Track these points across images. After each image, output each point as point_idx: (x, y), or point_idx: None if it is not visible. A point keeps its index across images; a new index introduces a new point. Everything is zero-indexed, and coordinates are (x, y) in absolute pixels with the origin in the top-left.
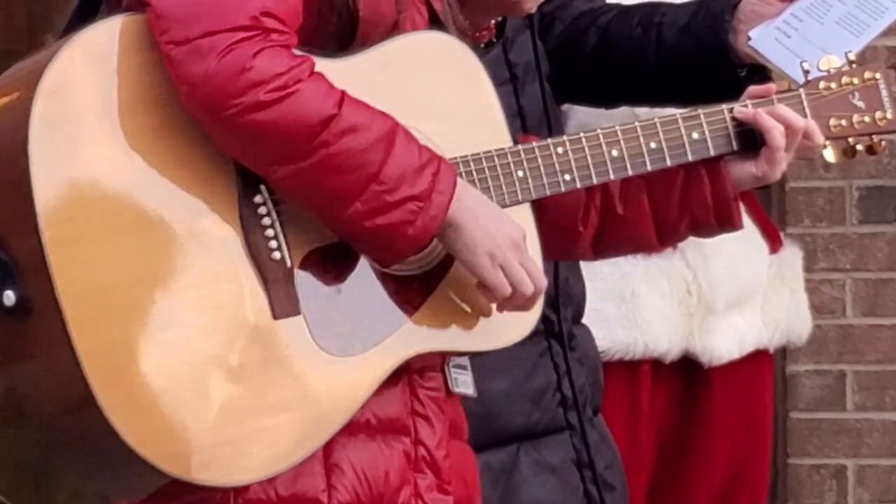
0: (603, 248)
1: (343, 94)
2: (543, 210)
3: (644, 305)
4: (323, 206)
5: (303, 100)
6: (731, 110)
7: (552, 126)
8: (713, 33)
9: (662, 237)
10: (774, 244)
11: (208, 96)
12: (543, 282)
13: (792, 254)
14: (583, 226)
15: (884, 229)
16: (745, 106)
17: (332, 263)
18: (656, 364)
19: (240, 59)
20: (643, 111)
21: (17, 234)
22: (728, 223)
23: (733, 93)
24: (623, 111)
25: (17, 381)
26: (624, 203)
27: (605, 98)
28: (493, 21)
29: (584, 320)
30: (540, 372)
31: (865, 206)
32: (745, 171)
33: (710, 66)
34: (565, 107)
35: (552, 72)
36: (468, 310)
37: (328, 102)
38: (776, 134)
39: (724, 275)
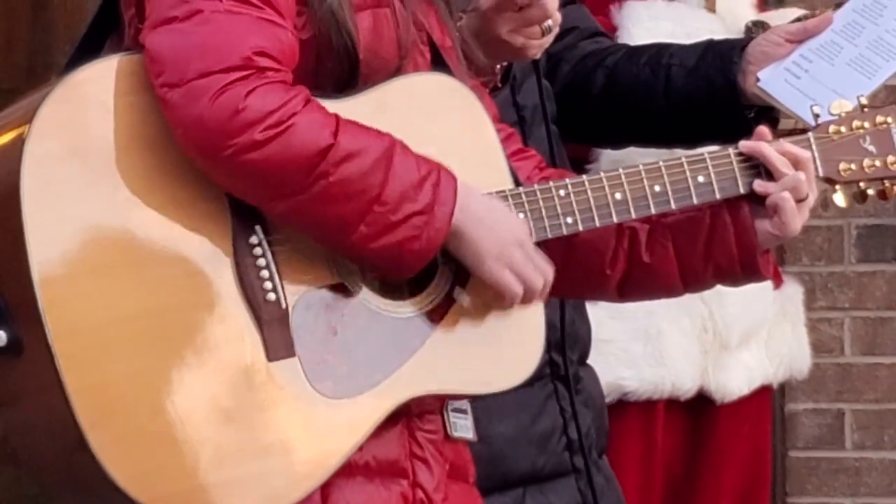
0: (628, 292)
1: (337, 120)
2: (573, 250)
3: (669, 343)
4: (327, 235)
5: (298, 134)
6: (737, 153)
7: (558, 167)
8: (722, 74)
9: (688, 285)
10: (776, 280)
11: (203, 139)
12: (551, 272)
13: (793, 289)
14: (610, 269)
15: (882, 268)
16: None
17: (328, 304)
18: (669, 402)
19: (232, 100)
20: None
21: (8, 273)
22: (755, 273)
23: (741, 134)
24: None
25: (10, 420)
26: (650, 251)
27: (613, 139)
28: (498, 66)
29: (611, 360)
30: (546, 415)
31: (864, 244)
32: (763, 229)
33: (718, 107)
34: None
35: (560, 112)
36: (467, 352)
37: (324, 133)
38: (779, 165)
39: (738, 311)
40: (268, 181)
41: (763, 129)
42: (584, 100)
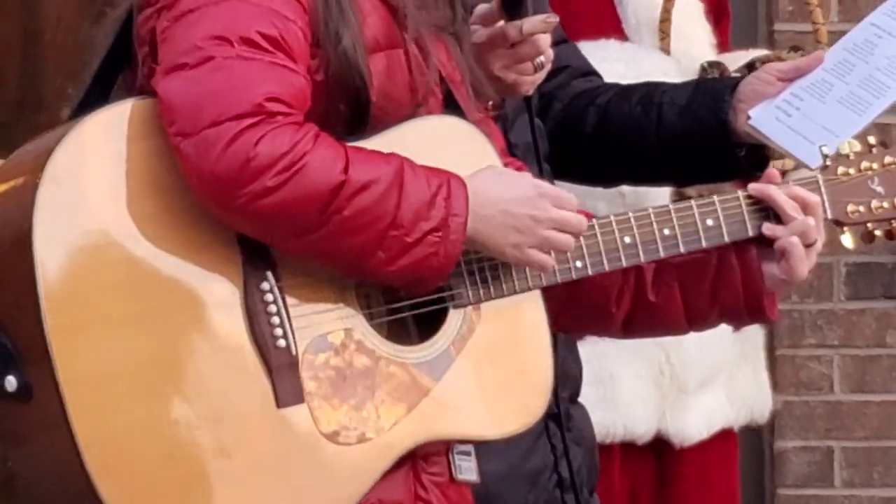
0: (633, 329)
1: (347, 152)
2: (578, 288)
3: (622, 387)
4: (345, 265)
5: (309, 175)
6: (746, 195)
7: None
8: (713, 113)
9: (693, 324)
10: None
11: (217, 189)
12: (583, 224)
13: (753, 332)
14: (615, 307)
15: (871, 305)
16: None
17: (336, 350)
18: (626, 445)
19: (244, 148)
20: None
21: (20, 319)
22: (761, 315)
23: (732, 172)
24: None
25: (16, 464)
26: (656, 291)
27: (604, 176)
28: (490, 102)
29: None
30: (537, 453)
31: (853, 282)
32: (770, 273)
33: (710, 145)
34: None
35: (552, 150)
36: (476, 397)
37: (335, 169)
38: (788, 209)
39: (695, 354)
40: (282, 223)
41: (773, 172)
42: (576, 138)
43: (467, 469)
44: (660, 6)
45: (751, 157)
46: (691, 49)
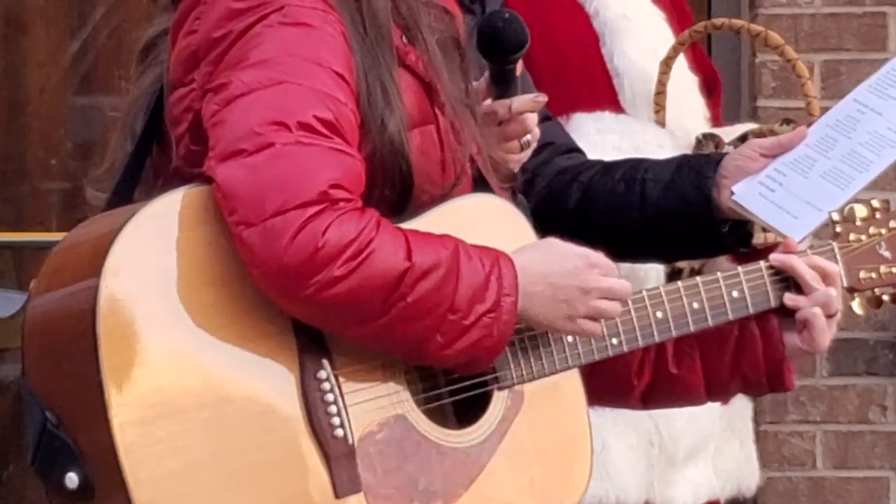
0: (652, 400)
1: (407, 238)
2: (601, 361)
3: (614, 457)
4: (402, 350)
5: (376, 262)
6: (768, 266)
7: None
8: (697, 189)
9: (712, 395)
10: None
11: (284, 280)
12: (628, 291)
13: (741, 405)
14: (637, 379)
15: (854, 381)
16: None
17: (390, 437)
18: None
19: (312, 237)
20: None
21: (83, 417)
22: (780, 384)
23: (716, 248)
24: None
25: None
26: (677, 362)
27: None
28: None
29: None
30: None
31: (835, 358)
32: (791, 342)
33: (694, 221)
34: None
35: (535, 227)
36: (522, 478)
37: (399, 255)
38: (810, 280)
39: (684, 426)
40: (348, 311)
41: (791, 242)
42: (559, 214)
43: None
44: (655, 79)
45: (734, 233)
46: (686, 122)
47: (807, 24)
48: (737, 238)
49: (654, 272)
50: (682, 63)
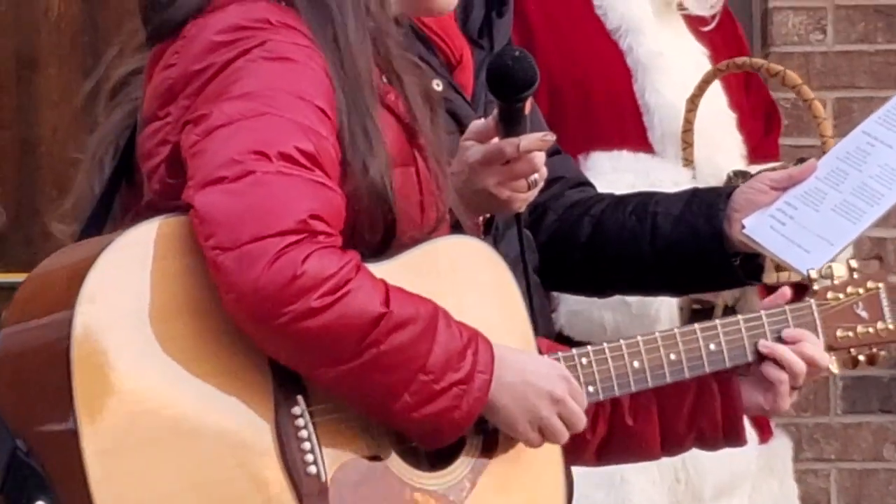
0: (606, 455)
1: (386, 287)
2: None
3: (634, 492)
4: (370, 403)
5: (353, 301)
6: (745, 318)
7: (536, 318)
8: (708, 222)
9: (667, 449)
10: (764, 434)
11: (258, 305)
12: (582, 423)
13: (781, 444)
14: (590, 433)
15: (868, 419)
16: (759, 319)
17: (363, 476)
18: None
19: (290, 265)
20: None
21: (54, 444)
22: (735, 439)
23: (728, 281)
24: None
25: None
26: (634, 415)
27: (598, 287)
28: (480, 217)
29: None
30: None
31: (850, 396)
32: (753, 400)
33: (704, 254)
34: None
35: (545, 262)
36: None
37: (376, 300)
38: (795, 367)
39: (712, 463)
40: (319, 349)
41: (784, 292)
42: (570, 248)
43: None
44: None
45: (746, 266)
46: (717, 157)
47: (819, 62)
48: (748, 271)
49: (665, 309)
50: (719, 99)
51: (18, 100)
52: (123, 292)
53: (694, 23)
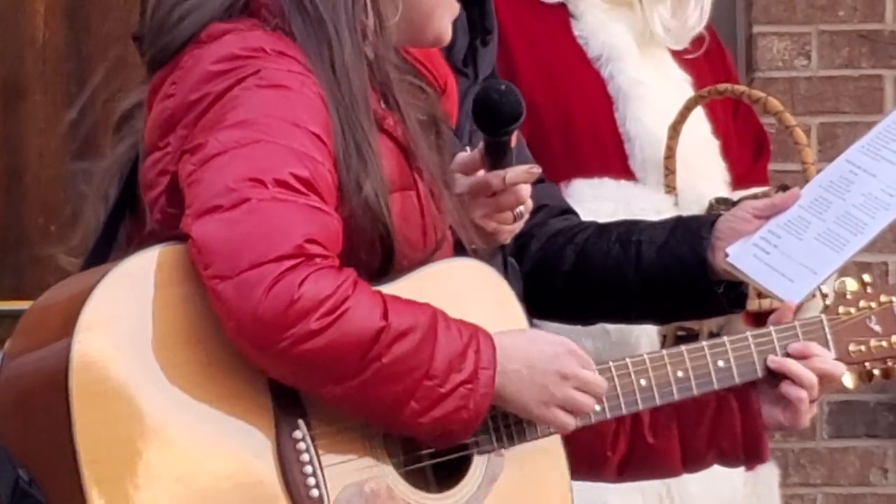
0: (628, 472)
1: (384, 299)
2: (574, 433)
3: None
4: (378, 414)
5: (352, 319)
6: (754, 335)
7: None
8: (692, 250)
9: (688, 466)
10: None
11: (259, 332)
12: (604, 387)
13: (769, 471)
14: (611, 451)
15: (854, 444)
16: (769, 335)
17: (367, 498)
18: None
19: (287, 289)
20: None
21: (55, 474)
22: (756, 456)
23: (711, 310)
24: None
25: None
26: (654, 432)
27: (583, 315)
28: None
29: None
30: None
31: (836, 421)
32: (773, 417)
33: (689, 282)
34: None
35: (529, 289)
36: None
37: (375, 315)
38: (805, 380)
39: (698, 490)
40: (323, 369)
41: (787, 309)
42: (554, 277)
43: None
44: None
45: (729, 294)
46: (700, 184)
47: (803, 87)
48: (731, 299)
49: (645, 337)
50: (703, 127)
51: (4, 127)
52: (122, 320)
53: (678, 51)
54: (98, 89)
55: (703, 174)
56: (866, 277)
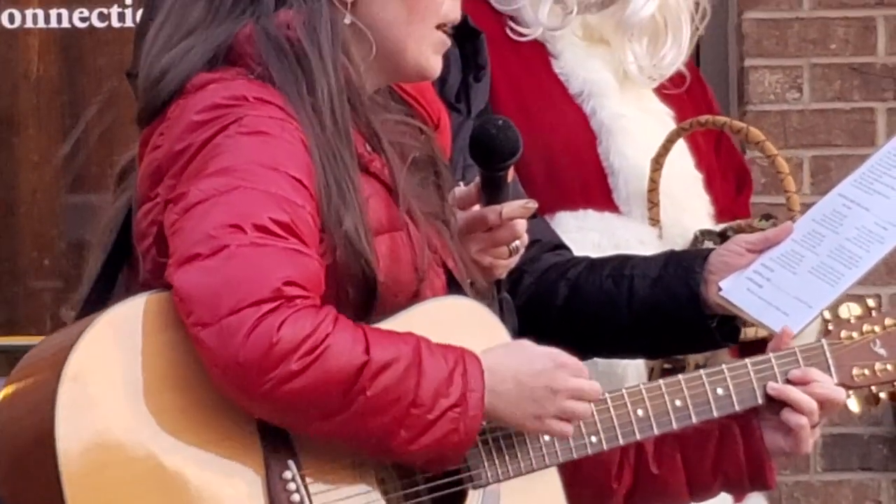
0: (634, 503)
1: (365, 333)
2: (578, 465)
3: None
4: (368, 447)
5: (333, 356)
6: (753, 362)
7: None
8: (685, 285)
9: (694, 494)
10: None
11: (242, 376)
12: (598, 391)
13: (754, 499)
14: (616, 483)
15: (848, 477)
16: (769, 361)
17: None
18: None
19: (266, 333)
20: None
21: None
22: (762, 483)
23: (704, 344)
24: None
25: None
26: (658, 463)
27: (576, 349)
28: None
29: None
30: None
31: (830, 453)
32: (775, 443)
33: (682, 316)
34: None
35: (522, 324)
36: None
37: (356, 349)
38: (805, 406)
39: None
40: (307, 407)
41: (785, 334)
42: (546, 311)
43: None
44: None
45: (722, 328)
46: (684, 218)
47: (795, 120)
48: (724, 333)
49: (632, 369)
50: (686, 160)
51: None
52: (109, 368)
53: (660, 85)
54: (92, 124)
55: (687, 207)
56: (870, 301)
